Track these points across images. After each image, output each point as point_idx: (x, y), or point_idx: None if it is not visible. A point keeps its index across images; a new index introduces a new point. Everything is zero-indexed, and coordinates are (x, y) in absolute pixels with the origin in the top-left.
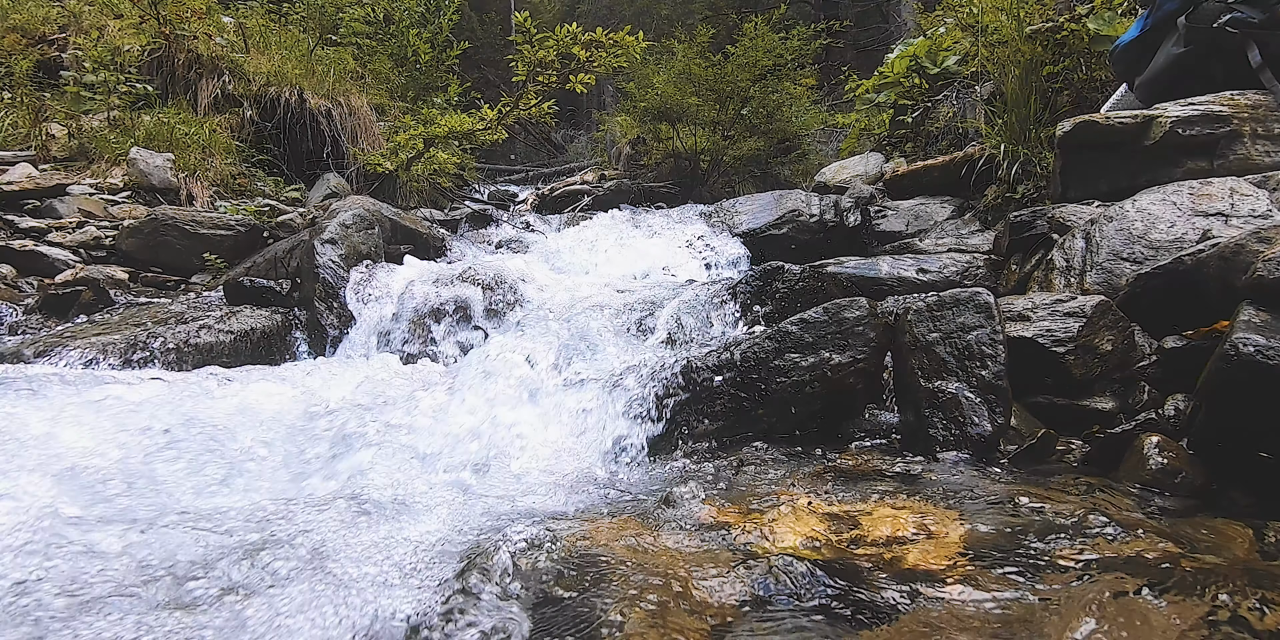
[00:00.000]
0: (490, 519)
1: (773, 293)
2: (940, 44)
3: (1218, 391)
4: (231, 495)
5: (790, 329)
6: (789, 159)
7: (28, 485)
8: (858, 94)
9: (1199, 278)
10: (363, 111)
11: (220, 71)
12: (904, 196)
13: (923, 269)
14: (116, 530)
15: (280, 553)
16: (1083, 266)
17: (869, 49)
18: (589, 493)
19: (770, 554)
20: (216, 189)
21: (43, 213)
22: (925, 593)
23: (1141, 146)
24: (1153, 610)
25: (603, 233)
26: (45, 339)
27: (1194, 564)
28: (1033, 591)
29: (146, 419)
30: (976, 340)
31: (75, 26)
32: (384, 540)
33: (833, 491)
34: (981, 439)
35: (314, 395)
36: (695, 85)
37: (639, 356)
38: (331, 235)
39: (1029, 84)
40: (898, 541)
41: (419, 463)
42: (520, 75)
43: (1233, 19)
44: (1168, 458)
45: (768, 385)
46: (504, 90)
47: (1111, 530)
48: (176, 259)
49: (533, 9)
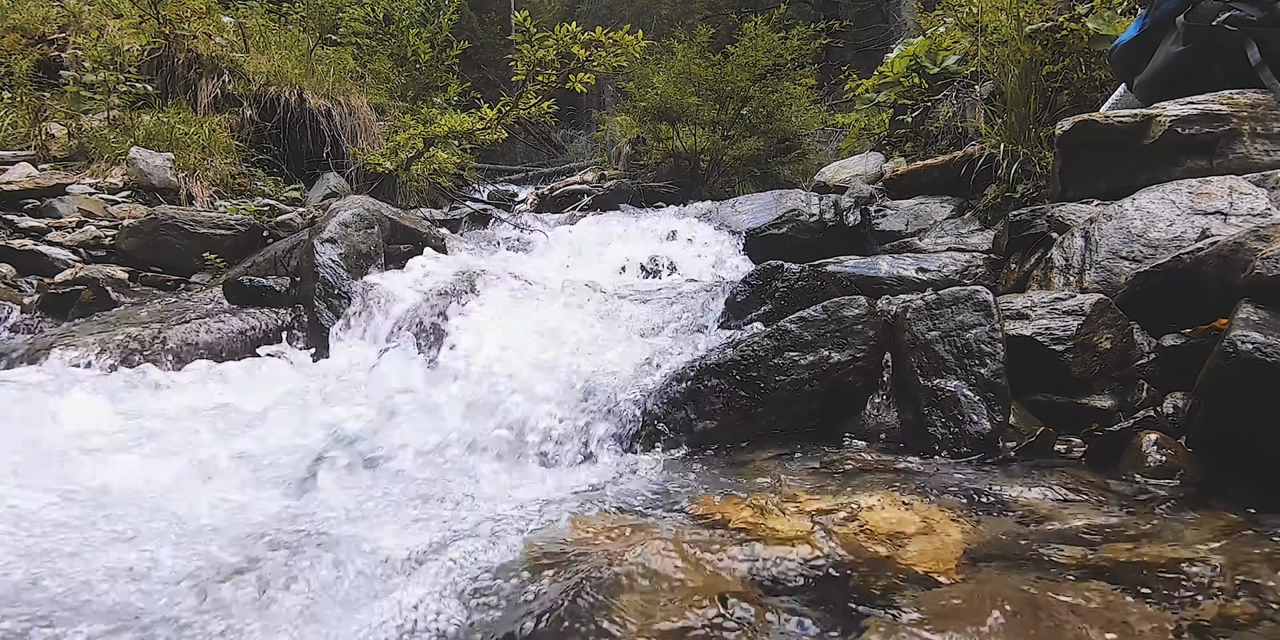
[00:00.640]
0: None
1: (772, 291)
2: (940, 44)
3: (1216, 389)
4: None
5: (789, 327)
6: (789, 159)
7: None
8: (857, 94)
9: (1198, 276)
10: (362, 111)
11: (220, 71)
12: (903, 196)
13: (922, 268)
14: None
15: None
16: (1082, 265)
17: (869, 49)
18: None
19: (767, 548)
20: (216, 189)
21: (42, 212)
22: (924, 589)
23: (1141, 145)
24: (1151, 607)
25: (602, 231)
26: (45, 338)
27: (1193, 560)
28: (1031, 588)
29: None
30: (976, 338)
31: (75, 26)
32: None
33: (831, 488)
34: (980, 437)
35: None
36: (695, 85)
37: (639, 354)
38: (331, 234)
39: (1029, 83)
40: (897, 538)
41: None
42: (520, 75)
43: (1231, 17)
44: (1166, 455)
45: (767, 383)
46: (504, 90)
47: (1110, 528)
48: (176, 258)
49: (532, 9)
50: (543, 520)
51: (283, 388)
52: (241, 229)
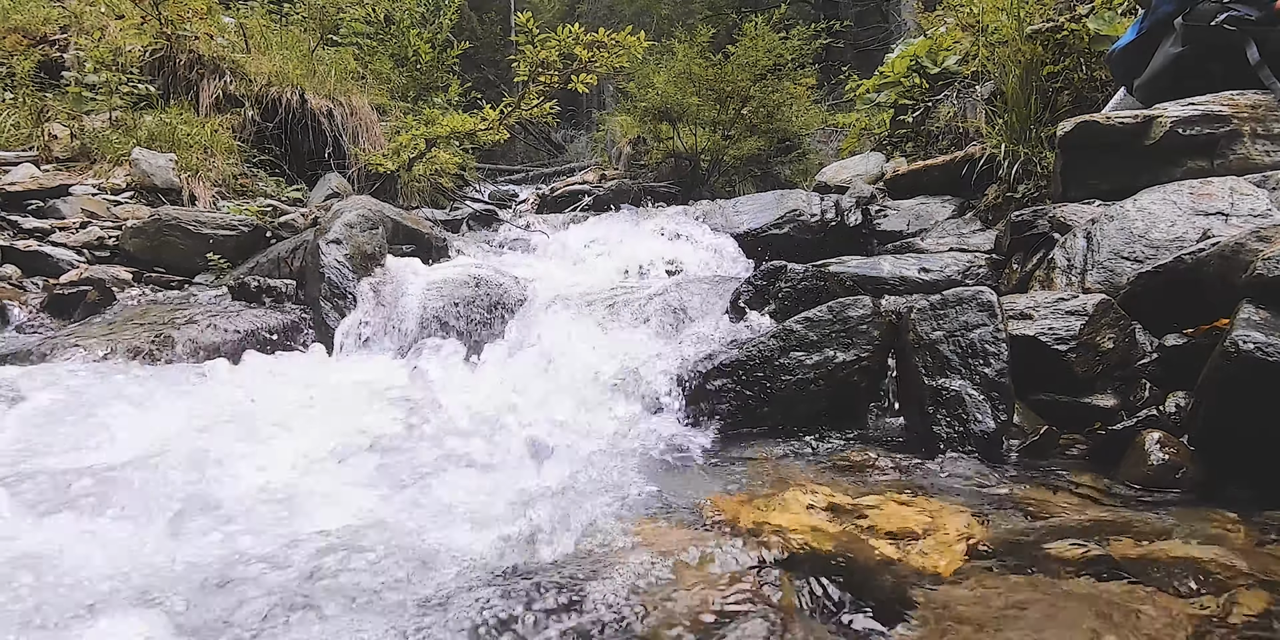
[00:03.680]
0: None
1: (775, 292)
2: (940, 44)
3: (1218, 388)
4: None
5: (795, 328)
6: (789, 159)
7: None
8: (858, 94)
9: (1199, 276)
10: (364, 111)
11: (221, 72)
12: (905, 196)
13: (924, 268)
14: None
15: None
16: (1084, 265)
17: (869, 49)
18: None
19: (775, 544)
20: (219, 189)
21: (46, 213)
22: (928, 586)
23: (1142, 146)
24: (1158, 602)
25: (603, 232)
26: (53, 338)
27: (1194, 557)
28: (1034, 585)
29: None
30: (979, 338)
31: (77, 27)
32: None
33: (837, 486)
34: (984, 436)
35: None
36: (695, 85)
37: (644, 354)
38: (336, 235)
39: (1029, 84)
40: (902, 535)
41: None
42: (522, 75)
43: (1230, 17)
44: (1168, 453)
45: (773, 383)
46: (504, 90)
47: (1114, 525)
48: (180, 259)
49: (533, 9)
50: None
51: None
52: (244, 229)
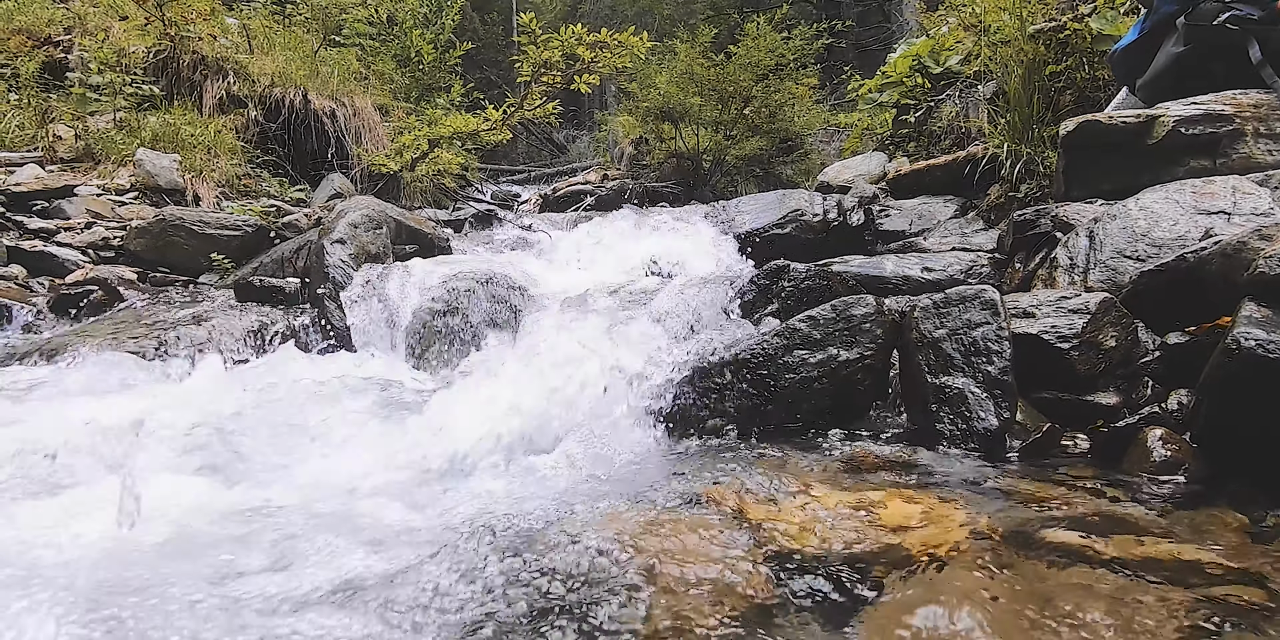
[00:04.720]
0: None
1: (779, 291)
2: (943, 43)
3: (1220, 385)
4: None
5: (799, 326)
6: (791, 159)
7: None
8: (860, 94)
9: (1201, 275)
10: (366, 112)
11: (225, 73)
12: (907, 196)
13: (927, 267)
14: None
15: None
16: (1086, 264)
17: (871, 49)
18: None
19: (781, 538)
20: (222, 189)
21: (51, 213)
22: (932, 581)
23: (1144, 145)
24: (1157, 597)
25: (606, 232)
26: (60, 338)
27: (1195, 554)
28: (1039, 578)
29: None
30: (982, 336)
31: (80, 28)
32: None
33: (841, 483)
34: (987, 433)
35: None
36: (697, 85)
37: (647, 352)
38: (341, 235)
39: (1032, 83)
40: (905, 530)
41: None
42: (525, 76)
43: (1232, 16)
44: (1171, 451)
45: (776, 382)
46: (506, 90)
47: (1116, 521)
48: (184, 259)
49: (535, 9)
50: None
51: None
52: (248, 229)
